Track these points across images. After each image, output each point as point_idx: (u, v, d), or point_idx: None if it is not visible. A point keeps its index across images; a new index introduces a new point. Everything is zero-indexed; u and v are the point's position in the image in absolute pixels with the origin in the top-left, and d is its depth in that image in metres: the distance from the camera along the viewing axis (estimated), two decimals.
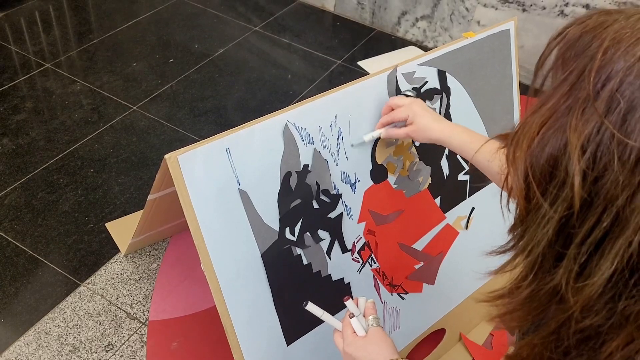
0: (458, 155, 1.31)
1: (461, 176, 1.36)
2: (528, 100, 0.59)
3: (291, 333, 1.09)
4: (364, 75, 1.15)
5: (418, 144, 1.24)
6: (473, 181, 1.38)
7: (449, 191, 1.34)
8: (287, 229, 1.05)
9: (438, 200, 1.32)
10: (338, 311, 1.10)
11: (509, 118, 1.42)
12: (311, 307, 0.91)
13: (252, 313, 1.01)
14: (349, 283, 1.18)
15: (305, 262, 1.09)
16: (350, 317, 0.88)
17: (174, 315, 1.49)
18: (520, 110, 1.44)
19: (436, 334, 1.42)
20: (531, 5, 2.28)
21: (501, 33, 1.34)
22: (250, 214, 0.99)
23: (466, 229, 1.40)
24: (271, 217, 1.02)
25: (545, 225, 0.51)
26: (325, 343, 1.13)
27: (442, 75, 1.26)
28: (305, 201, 1.07)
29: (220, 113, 2.14)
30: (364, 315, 0.90)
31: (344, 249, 1.15)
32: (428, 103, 1.24)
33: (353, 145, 1.12)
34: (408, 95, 1.19)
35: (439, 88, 1.26)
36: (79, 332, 1.45)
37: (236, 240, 0.98)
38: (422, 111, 1.05)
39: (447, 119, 1.25)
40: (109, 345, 1.43)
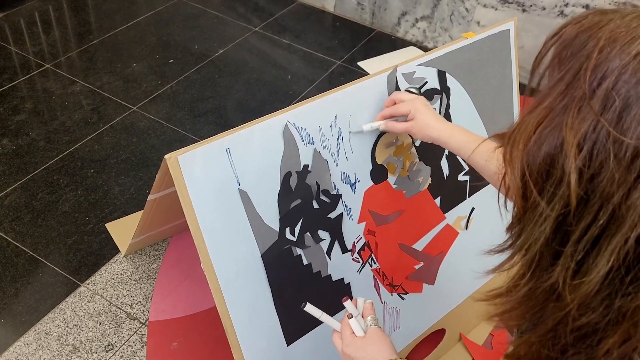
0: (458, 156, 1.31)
1: (461, 176, 1.36)
2: (525, 100, 0.59)
3: (291, 333, 1.09)
4: (363, 75, 1.16)
5: (418, 144, 1.25)
6: (473, 181, 1.38)
7: (449, 191, 1.34)
8: (287, 229, 1.05)
9: (438, 201, 1.32)
10: (338, 311, 1.10)
11: (509, 118, 1.42)
12: (310, 309, 0.91)
13: (252, 313, 1.01)
14: (349, 283, 1.18)
15: (305, 263, 1.09)
16: (349, 318, 0.88)
17: (174, 316, 1.49)
18: (520, 111, 1.45)
19: (436, 334, 1.42)
20: (531, 5, 2.28)
21: (501, 33, 1.34)
22: (251, 214, 0.99)
23: (466, 229, 1.41)
24: (271, 217, 1.02)
25: (542, 224, 0.52)
26: (326, 343, 1.14)
27: (442, 75, 1.26)
28: (305, 201, 1.07)
29: (220, 113, 2.14)
30: (362, 316, 0.90)
31: (344, 249, 1.15)
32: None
33: (351, 132, 1.12)
34: (412, 92, 1.20)
35: (439, 88, 1.26)
36: (79, 333, 1.45)
37: (236, 240, 0.98)
38: (424, 108, 1.06)
39: (447, 119, 1.25)
40: (109, 345, 1.43)
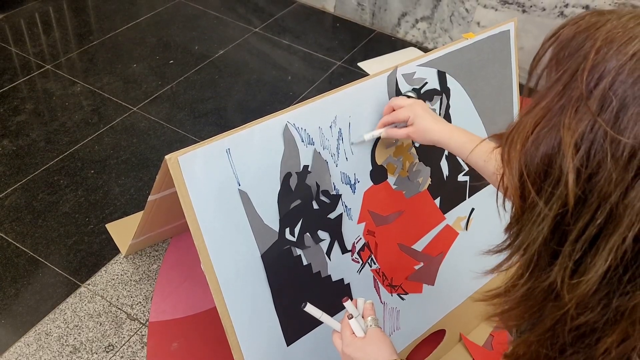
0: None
1: (461, 177, 1.36)
2: (523, 100, 0.60)
3: (291, 333, 1.09)
4: (364, 76, 1.16)
5: (418, 145, 1.25)
6: (473, 181, 1.38)
7: (448, 192, 1.34)
8: (287, 230, 1.05)
9: (438, 201, 1.32)
10: (338, 312, 1.10)
11: (509, 119, 1.42)
12: (310, 309, 0.91)
13: (252, 314, 1.01)
14: (349, 284, 1.18)
15: (305, 263, 1.09)
16: (349, 318, 0.88)
17: (174, 316, 1.49)
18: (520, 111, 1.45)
19: (436, 335, 1.42)
20: (531, 6, 2.28)
21: (501, 34, 1.34)
22: (250, 214, 0.99)
23: (466, 229, 1.41)
24: (271, 218, 1.02)
25: (540, 223, 0.52)
26: (326, 344, 1.14)
27: (442, 76, 1.26)
28: (305, 202, 1.07)
29: (221, 114, 2.14)
30: (362, 316, 0.90)
31: (344, 250, 1.16)
32: (428, 104, 1.24)
33: (353, 143, 1.12)
34: (409, 96, 1.20)
35: (439, 89, 1.26)
36: (80, 333, 1.45)
37: (236, 240, 0.98)
38: (423, 113, 1.06)
39: (447, 120, 1.26)
40: (110, 346, 1.43)
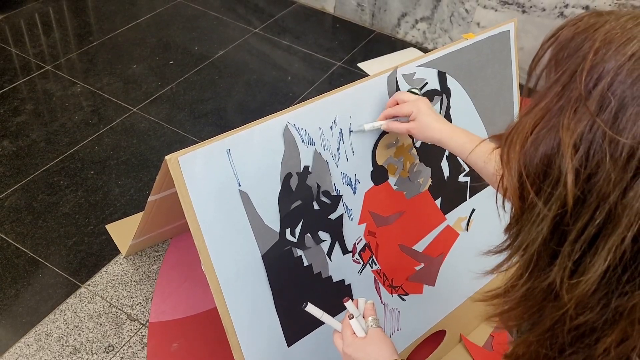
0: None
1: (461, 177, 1.36)
2: (523, 101, 0.60)
3: (292, 334, 1.09)
4: (364, 77, 1.16)
5: (419, 145, 1.25)
6: (473, 182, 1.38)
7: (449, 192, 1.34)
8: (288, 230, 1.05)
9: (438, 202, 1.32)
10: (339, 312, 1.09)
11: (509, 119, 1.42)
12: (311, 309, 0.91)
13: (253, 314, 1.01)
14: (350, 284, 1.18)
15: (305, 264, 1.09)
16: (350, 318, 0.88)
17: (175, 317, 1.49)
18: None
19: (437, 335, 1.42)
20: (531, 6, 2.28)
21: (501, 34, 1.34)
22: (251, 215, 0.99)
23: (467, 230, 1.41)
24: (272, 218, 1.02)
25: (539, 224, 0.52)
26: (326, 344, 1.14)
27: (442, 76, 1.26)
28: (306, 202, 1.07)
29: (221, 115, 2.14)
30: (363, 317, 0.90)
31: (345, 251, 1.16)
32: None
33: (352, 131, 1.12)
34: (414, 92, 1.20)
35: (439, 89, 1.26)
36: (80, 334, 1.45)
37: (237, 241, 0.98)
38: (427, 110, 1.06)
39: (447, 120, 1.26)
40: (110, 346, 1.43)
